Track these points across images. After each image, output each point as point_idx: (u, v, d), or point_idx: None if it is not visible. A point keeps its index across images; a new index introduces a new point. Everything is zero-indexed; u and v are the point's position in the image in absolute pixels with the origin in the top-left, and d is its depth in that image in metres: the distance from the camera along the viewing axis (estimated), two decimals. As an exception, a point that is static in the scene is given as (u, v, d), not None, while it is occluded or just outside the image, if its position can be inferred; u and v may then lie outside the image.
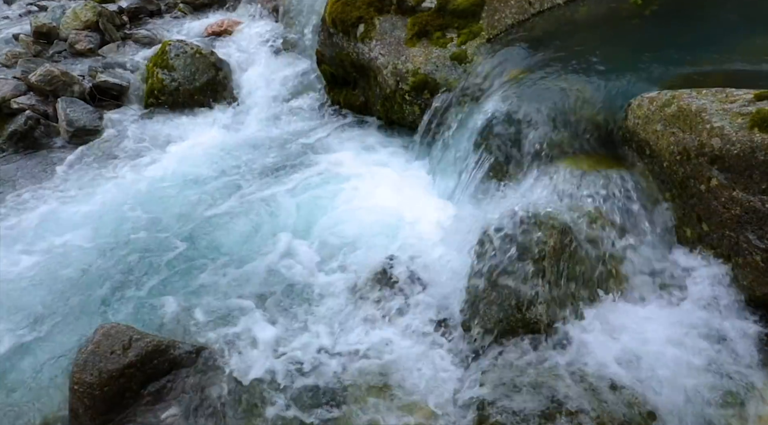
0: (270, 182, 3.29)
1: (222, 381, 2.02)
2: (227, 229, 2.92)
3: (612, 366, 1.82)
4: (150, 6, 6.14)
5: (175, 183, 3.36)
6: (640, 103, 2.23)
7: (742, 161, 1.84)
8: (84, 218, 3.09)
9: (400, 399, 1.92)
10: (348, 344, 2.15)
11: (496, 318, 1.99)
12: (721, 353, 1.86)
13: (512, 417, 1.70)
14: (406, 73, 3.33)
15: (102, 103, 4.28)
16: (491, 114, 2.71)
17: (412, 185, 3.07)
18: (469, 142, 2.82)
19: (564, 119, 2.48)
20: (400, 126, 3.59)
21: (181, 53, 4.33)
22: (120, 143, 3.89)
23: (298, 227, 2.87)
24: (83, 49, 5.08)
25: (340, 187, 3.15)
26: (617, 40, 2.92)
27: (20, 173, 3.60)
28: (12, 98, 4.04)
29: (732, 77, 2.27)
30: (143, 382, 1.99)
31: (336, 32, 3.70)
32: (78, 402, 1.94)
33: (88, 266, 2.71)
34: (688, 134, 2.01)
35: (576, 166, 2.34)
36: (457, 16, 3.35)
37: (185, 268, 2.65)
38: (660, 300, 2.06)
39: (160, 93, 4.27)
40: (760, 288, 1.91)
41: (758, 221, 1.85)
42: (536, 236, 2.01)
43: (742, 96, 1.97)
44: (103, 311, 2.43)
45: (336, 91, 4.03)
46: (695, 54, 2.52)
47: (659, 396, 1.74)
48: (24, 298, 2.54)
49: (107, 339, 2.00)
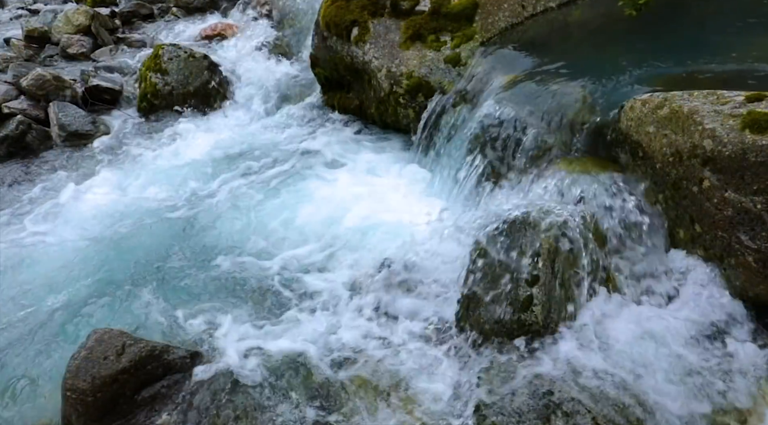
0: (264, 185, 3.28)
1: (217, 385, 2.01)
2: (221, 232, 2.90)
3: (607, 367, 1.83)
4: (143, 10, 6.13)
5: (168, 187, 3.34)
6: (632, 105, 2.25)
7: (733, 162, 1.86)
8: (73, 222, 3.07)
9: (397, 400, 1.92)
10: (344, 346, 2.15)
11: (492, 320, 1.99)
12: (714, 353, 1.87)
13: (509, 418, 1.70)
14: (400, 77, 3.34)
15: (95, 108, 4.26)
16: (486, 117, 2.72)
17: (408, 187, 3.08)
18: (464, 145, 2.83)
19: (558, 121, 2.50)
20: (394, 129, 3.59)
21: (174, 57, 4.32)
22: (112, 148, 3.87)
23: (294, 229, 2.87)
24: (76, 53, 5.06)
25: (335, 190, 3.15)
26: (610, 43, 2.94)
27: (11, 177, 3.57)
28: (3, 103, 4.01)
29: (724, 79, 2.29)
30: (137, 388, 1.98)
31: (330, 35, 3.71)
32: (71, 408, 1.91)
33: (78, 270, 2.69)
34: (680, 135, 2.02)
35: (570, 168, 2.35)
36: (451, 19, 3.36)
37: (178, 272, 2.63)
38: (654, 301, 2.07)
39: (153, 97, 4.25)
40: (753, 288, 1.93)
41: (750, 221, 1.86)
42: (531, 238, 2.01)
43: (733, 98, 1.98)
44: (95, 316, 2.40)
45: (330, 95, 4.03)
46: (687, 56, 2.54)
47: (655, 397, 1.74)
48: (11, 303, 2.52)
49: (100, 345, 1.98)
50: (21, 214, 3.20)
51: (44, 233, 3.01)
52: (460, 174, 2.82)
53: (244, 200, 3.15)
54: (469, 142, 2.80)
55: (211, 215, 3.04)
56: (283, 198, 3.14)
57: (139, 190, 3.33)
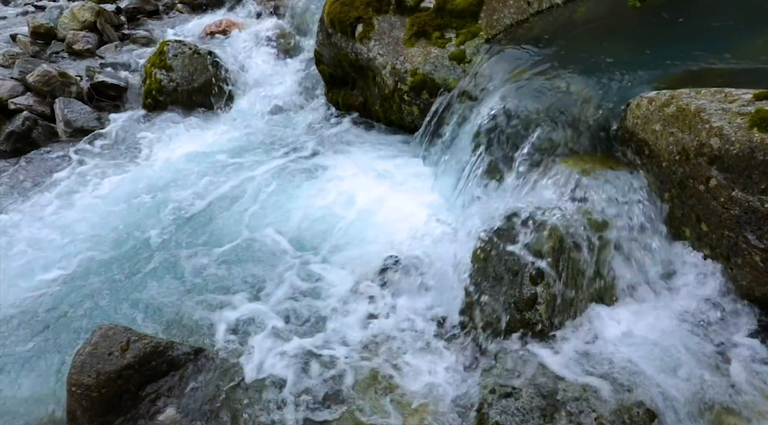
0: (268, 181, 3.28)
1: (221, 382, 2.02)
2: (224, 229, 2.91)
3: (612, 367, 1.82)
4: (148, 6, 6.14)
5: (173, 183, 3.35)
6: (639, 103, 2.23)
7: (741, 161, 1.84)
8: (78, 217, 3.08)
9: (400, 398, 1.92)
10: (347, 343, 2.15)
11: (495, 318, 1.99)
12: (721, 353, 1.86)
13: (513, 417, 1.70)
14: (404, 74, 3.33)
15: (100, 104, 4.27)
16: (490, 114, 2.71)
17: (412, 184, 3.07)
18: (468, 142, 2.82)
19: (563, 118, 2.48)
20: (399, 126, 3.58)
21: (179, 53, 4.32)
22: (118, 144, 3.88)
23: (297, 226, 2.87)
24: (81, 50, 5.07)
25: (339, 187, 3.15)
26: (616, 40, 2.92)
27: (17, 174, 3.59)
28: (9, 99, 4.03)
29: (731, 77, 2.27)
30: (141, 384, 1.98)
31: (334, 32, 3.70)
32: (76, 403, 1.92)
33: (83, 266, 2.70)
34: (687, 134, 2.01)
35: (575, 166, 2.34)
36: (456, 16, 3.35)
37: (182, 268, 2.64)
38: (659, 301, 2.06)
39: (158, 93, 4.26)
40: (760, 288, 1.91)
41: (757, 221, 1.84)
42: (536, 237, 2.01)
43: (741, 96, 1.96)
44: (100, 311, 2.42)
45: (334, 92, 4.02)
46: (694, 54, 2.52)
47: (659, 396, 1.74)
48: (15, 296, 2.54)
49: (105, 341, 1.99)
50: (25, 208, 3.21)
51: (48, 227, 3.02)
52: (464, 171, 2.81)
53: (246, 196, 3.16)
54: (474, 139, 2.79)
55: (214, 211, 3.05)
56: (285, 196, 3.14)
57: (144, 185, 3.34)
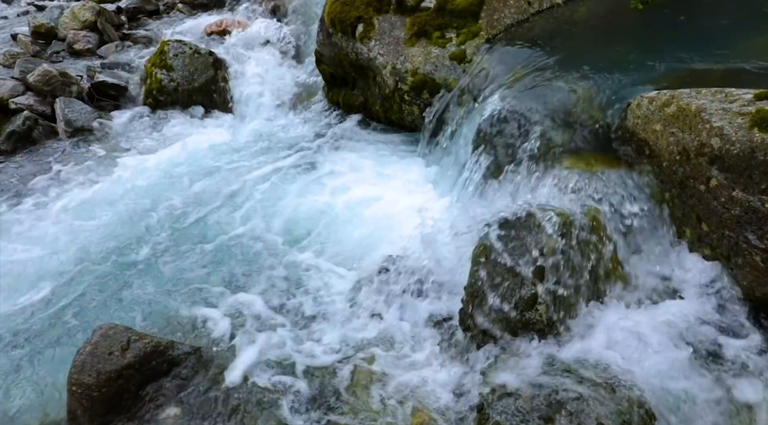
0: (268, 181, 3.28)
1: (221, 381, 2.02)
2: (226, 229, 2.91)
3: (612, 367, 1.82)
4: (148, 6, 6.14)
5: (172, 183, 3.35)
6: (639, 103, 2.23)
7: (741, 161, 1.84)
8: (79, 215, 3.08)
9: (401, 398, 1.92)
10: (348, 343, 2.15)
11: (496, 318, 1.98)
12: (721, 353, 1.86)
13: (513, 417, 1.70)
14: (405, 73, 3.33)
15: (101, 104, 4.28)
16: (491, 114, 2.71)
17: (413, 184, 3.07)
18: (468, 141, 2.82)
19: (563, 118, 2.48)
20: (399, 126, 3.58)
21: (179, 53, 4.33)
22: (118, 143, 3.88)
23: (298, 227, 2.87)
24: (82, 49, 5.07)
25: (339, 187, 3.15)
26: (617, 40, 2.92)
27: (17, 172, 3.59)
28: (10, 98, 4.03)
29: (732, 77, 2.26)
30: (142, 383, 1.99)
31: (335, 32, 3.70)
32: (76, 403, 1.93)
33: (84, 265, 2.71)
34: (687, 133, 2.01)
35: (575, 166, 2.34)
36: (456, 15, 3.34)
37: (183, 267, 2.64)
38: (660, 301, 2.05)
39: (158, 93, 4.26)
40: (760, 288, 1.91)
41: (758, 221, 1.84)
42: (536, 236, 2.00)
43: (741, 96, 1.96)
44: (101, 310, 2.42)
45: (335, 92, 4.02)
46: (695, 53, 2.52)
47: (659, 397, 1.73)
48: (16, 295, 2.54)
49: (105, 340, 1.99)
50: (25, 206, 3.21)
51: (49, 225, 3.02)
52: (464, 171, 2.81)
53: (246, 195, 3.16)
54: (474, 139, 2.79)
55: (213, 210, 3.05)
56: (285, 195, 3.14)
57: (144, 184, 3.34)
